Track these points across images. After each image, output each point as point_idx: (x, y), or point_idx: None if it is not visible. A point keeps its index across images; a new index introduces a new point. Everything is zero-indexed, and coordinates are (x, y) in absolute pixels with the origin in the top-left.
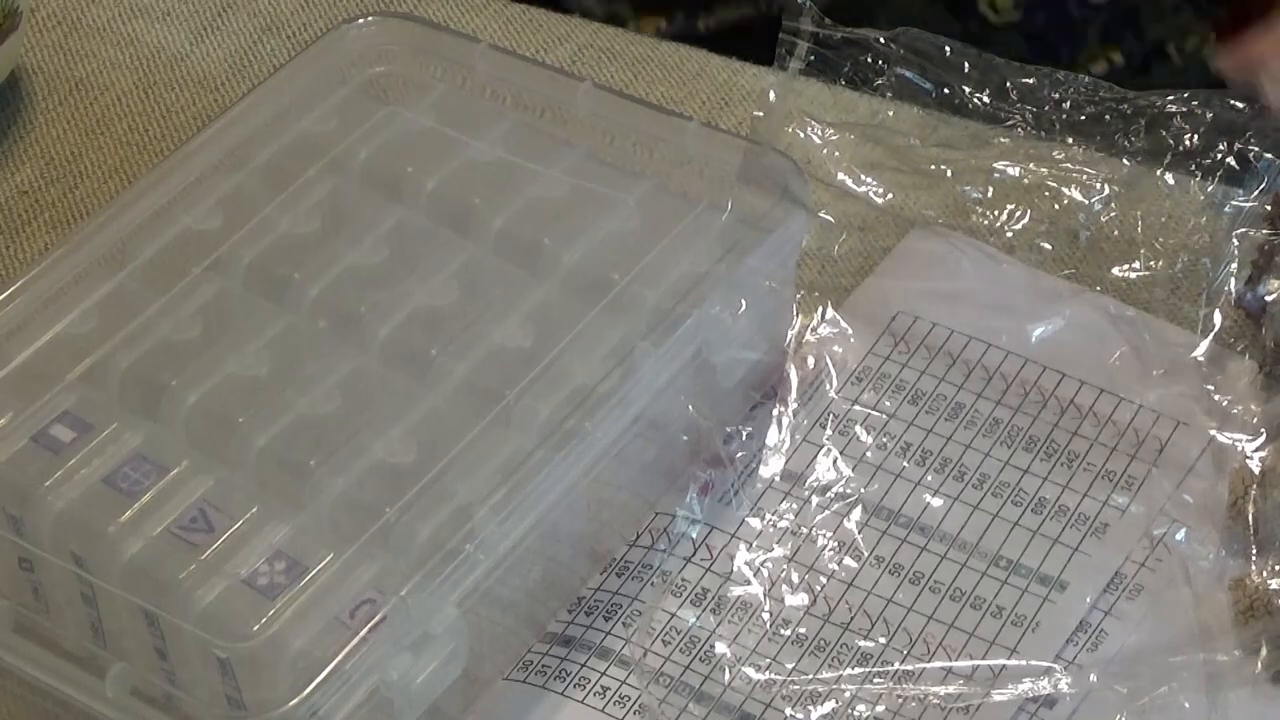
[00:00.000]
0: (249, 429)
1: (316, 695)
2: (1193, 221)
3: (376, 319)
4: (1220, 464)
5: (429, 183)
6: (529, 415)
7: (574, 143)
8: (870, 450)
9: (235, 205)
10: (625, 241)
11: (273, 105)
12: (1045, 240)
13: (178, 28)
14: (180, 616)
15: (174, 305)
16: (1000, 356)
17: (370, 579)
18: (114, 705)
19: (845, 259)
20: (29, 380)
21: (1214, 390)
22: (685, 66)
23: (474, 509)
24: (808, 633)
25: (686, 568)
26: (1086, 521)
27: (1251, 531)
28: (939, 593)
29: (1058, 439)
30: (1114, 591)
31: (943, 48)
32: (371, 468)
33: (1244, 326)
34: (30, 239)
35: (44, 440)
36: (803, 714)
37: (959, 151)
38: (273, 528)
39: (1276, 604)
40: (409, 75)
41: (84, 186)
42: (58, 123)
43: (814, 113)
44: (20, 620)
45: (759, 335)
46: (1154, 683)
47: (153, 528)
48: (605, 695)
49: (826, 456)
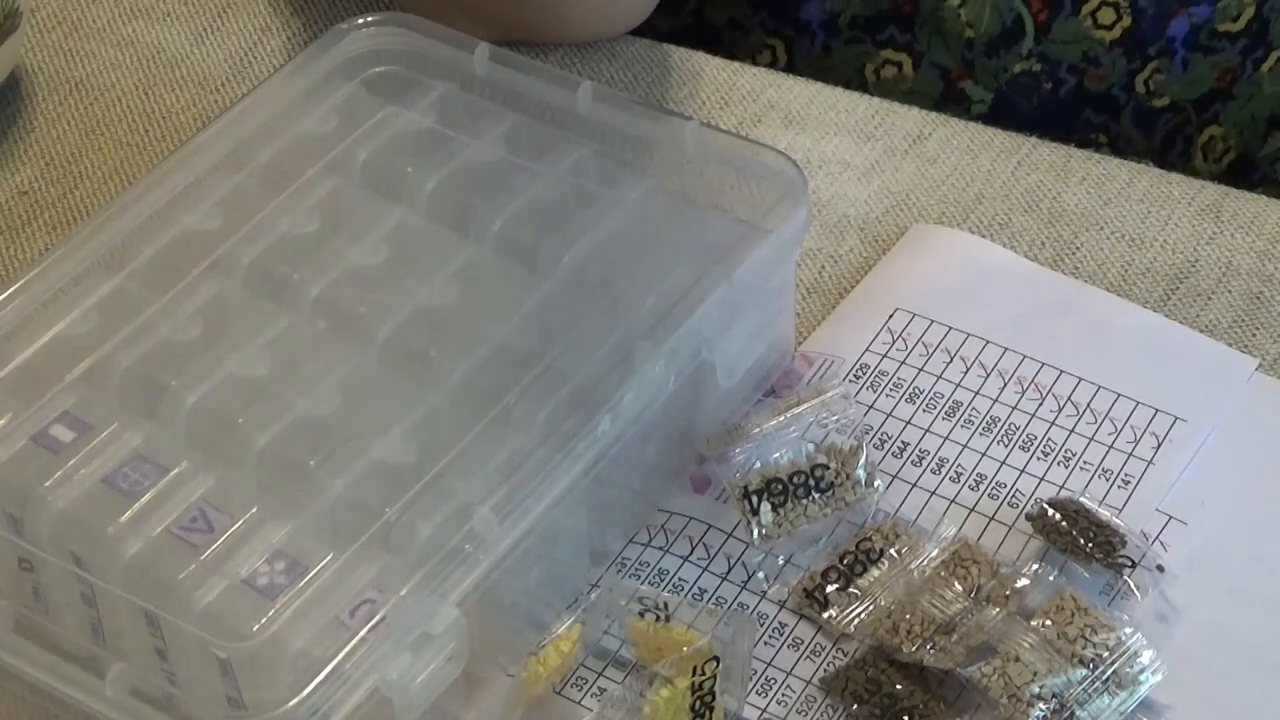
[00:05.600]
0: (249, 429)
1: (316, 695)
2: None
3: (376, 319)
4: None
5: (429, 183)
6: (529, 415)
7: (573, 143)
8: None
9: (235, 205)
10: (625, 242)
11: (272, 106)
12: (1043, 238)
13: (178, 29)
14: (180, 616)
15: (174, 305)
16: (998, 353)
17: (370, 579)
18: (114, 705)
19: (845, 258)
20: (29, 380)
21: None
22: (685, 66)
23: (474, 509)
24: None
25: (684, 566)
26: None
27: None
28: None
29: (1054, 437)
30: (1107, 594)
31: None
32: (371, 468)
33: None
34: (30, 239)
35: (44, 440)
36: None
37: (957, 151)
38: (273, 528)
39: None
40: (408, 76)
41: (84, 187)
42: (58, 123)
43: (814, 114)
44: (20, 620)
45: (759, 335)
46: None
47: (152, 528)
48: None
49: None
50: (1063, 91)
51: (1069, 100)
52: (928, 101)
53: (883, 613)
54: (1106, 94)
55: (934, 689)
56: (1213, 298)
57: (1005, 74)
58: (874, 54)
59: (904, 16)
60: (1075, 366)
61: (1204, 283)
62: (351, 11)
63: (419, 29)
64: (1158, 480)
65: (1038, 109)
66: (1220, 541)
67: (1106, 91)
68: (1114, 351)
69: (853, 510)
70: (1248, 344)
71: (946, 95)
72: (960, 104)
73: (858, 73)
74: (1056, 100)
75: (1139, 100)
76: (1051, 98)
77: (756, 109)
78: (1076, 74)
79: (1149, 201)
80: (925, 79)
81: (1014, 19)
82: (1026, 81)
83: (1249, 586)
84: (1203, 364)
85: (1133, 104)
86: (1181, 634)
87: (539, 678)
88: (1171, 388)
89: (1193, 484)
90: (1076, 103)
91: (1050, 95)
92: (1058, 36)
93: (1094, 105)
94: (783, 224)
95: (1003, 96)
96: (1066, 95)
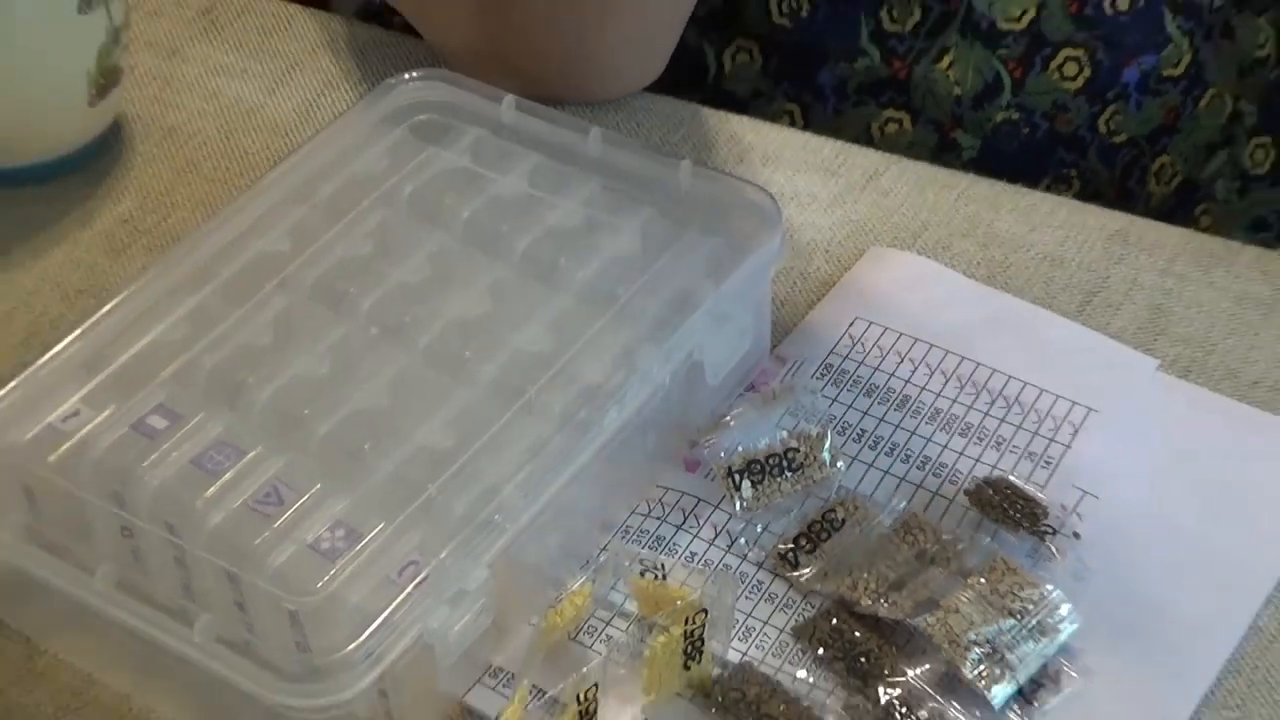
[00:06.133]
0: (312, 419)
1: (370, 641)
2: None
3: (419, 327)
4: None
5: (464, 212)
6: (547, 407)
7: (585, 179)
8: (830, 435)
9: (301, 232)
10: (628, 261)
11: (333, 148)
12: (978, 259)
13: (254, 83)
14: (256, 576)
15: (249, 316)
16: (941, 355)
17: (415, 544)
18: (202, 650)
19: (812, 275)
20: (129, 378)
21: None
22: (678, 115)
23: (501, 486)
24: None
25: (677, 534)
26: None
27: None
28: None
29: (988, 425)
30: (1032, 557)
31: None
32: (415, 451)
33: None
34: (130, 260)
35: (141, 428)
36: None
37: (906, 186)
38: (333, 501)
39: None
40: (447, 123)
41: (175, 216)
42: (153, 163)
43: (787, 155)
44: (123, 579)
45: (741, 339)
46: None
47: (232, 501)
48: (609, 643)
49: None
50: (1038, 135)
51: (1044, 142)
52: (925, 151)
53: (844, 572)
54: (1075, 135)
55: (887, 636)
56: (1120, 309)
57: (989, 123)
58: (878, 113)
59: (901, 81)
60: (1005, 366)
61: (1113, 296)
62: (400, 69)
63: (456, 83)
64: (1074, 461)
65: (1018, 151)
66: (1127, 512)
67: (1074, 133)
68: (1038, 353)
69: (819, 486)
70: (1149, 347)
71: (941, 145)
72: (953, 151)
73: (865, 129)
74: (1034, 142)
75: (1101, 138)
76: (1029, 141)
77: (739, 150)
78: (1049, 119)
79: (1067, 228)
80: (922, 132)
81: (994, 76)
82: (1008, 129)
83: (1150, 550)
84: (1112, 364)
85: (1097, 142)
86: (1093, 590)
87: (556, 627)
88: (1086, 384)
89: (1104, 464)
90: (1050, 144)
91: (1028, 139)
92: (1031, 89)
93: (1064, 145)
94: (760, 247)
95: (988, 143)
96: (1042, 138)
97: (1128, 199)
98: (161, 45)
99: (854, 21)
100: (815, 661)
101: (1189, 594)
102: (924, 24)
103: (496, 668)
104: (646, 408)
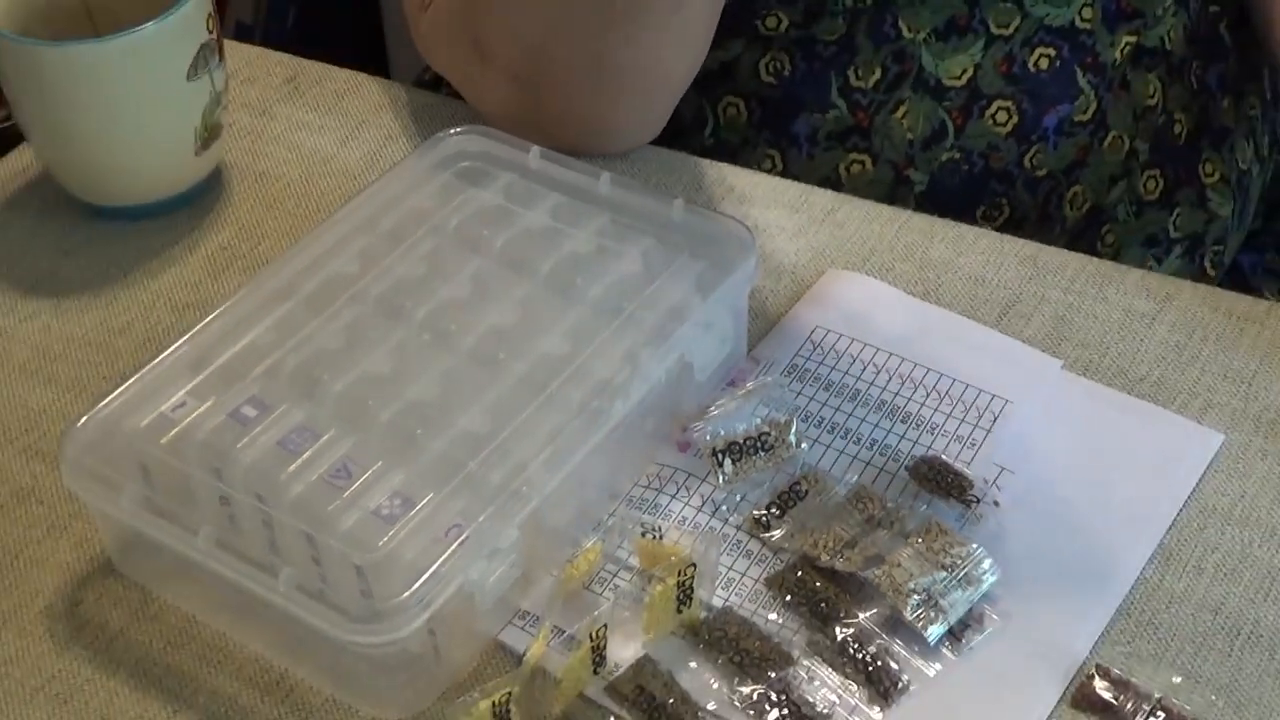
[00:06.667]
0: (376, 409)
1: (421, 589)
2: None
3: (462, 334)
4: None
5: (498, 241)
6: (566, 399)
7: (597, 214)
8: (795, 422)
9: (367, 257)
10: (632, 280)
11: (393, 189)
12: (916, 279)
13: (329, 136)
14: (330, 536)
15: (325, 324)
16: (886, 357)
17: (458, 510)
18: (286, 596)
19: (781, 292)
20: (227, 375)
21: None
22: (671, 163)
23: (528, 463)
24: (754, 551)
25: (671, 502)
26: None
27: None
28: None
29: (924, 414)
30: (960, 521)
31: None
32: (459, 434)
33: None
34: (228, 280)
35: (237, 416)
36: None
37: (857, 220)
38: (392, 476)
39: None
40: (484, 169)
41: (265, 244)
42: (246, 200)
43: (759, 195)
44: (221, 539)
45: (723, 344)
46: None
47: (310, 475)
48: (616, 591)
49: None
50: (976, 171)
51: (980, 177)
52: (884, 186)
53: (807, 533)
54: (1005, 170)
55: (843, 586)
56: (1031, 319)
57: (936, 162)
58: (845, 156)
59: (864, 129)
60: (938, 365)
61: (1025, 309)
62: (448, 126)
63: (492, 136)
64: (994, 443)
65: (960, 185)
66: (1038, 485)
67: (1005, 169)
68: (964, 355)
69: (787, 464)
70: (1055, 350)
71: (896, 180)
72: (906, 186)
73: (834, 170)
74: (973, 177)
75: (1026, 173)
76: (969, 176)
77: (722, 191)
78: (984, 158)
79: (988, 254)
80: (881, 171)
81: (940, 124)
82: (951, 166)
83: (1056, 516)
84: (1024, 364)
85: (1023, 176)
86: (1010, 549)
87: (573, 578)
88: (1003, 379)
89: (1018, 446)
90: (986, 178)
91: (968, 174)
92: (970, 133)
93: (997, 179)
94: (739, 269)
95: (935, 178)
96: (979, 173)
97: (1048, 222)
98: (254, 106)
99: (826, 79)
100: (784, 606)
101: (1088, 551)
102: (883, 81)
103: (524, 611)
104: (646, 399)
